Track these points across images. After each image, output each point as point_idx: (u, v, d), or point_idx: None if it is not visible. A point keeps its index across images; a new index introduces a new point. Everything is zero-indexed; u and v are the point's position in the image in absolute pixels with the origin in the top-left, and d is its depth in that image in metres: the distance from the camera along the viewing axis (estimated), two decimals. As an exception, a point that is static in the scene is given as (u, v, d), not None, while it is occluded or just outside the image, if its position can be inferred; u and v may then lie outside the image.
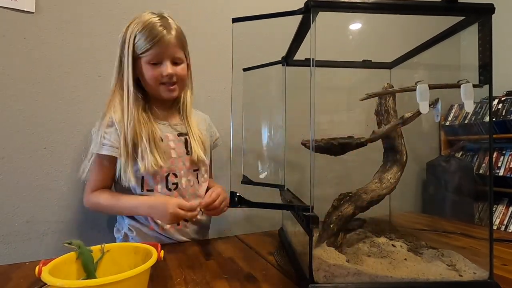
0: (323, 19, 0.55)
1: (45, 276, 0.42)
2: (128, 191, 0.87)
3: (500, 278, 0.62)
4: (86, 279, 0.51)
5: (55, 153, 1.04)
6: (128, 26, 0.85)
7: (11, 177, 0.98)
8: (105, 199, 0.86)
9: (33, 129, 1.01)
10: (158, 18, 0.85)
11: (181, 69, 0.88)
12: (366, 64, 0.92)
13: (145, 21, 0.83)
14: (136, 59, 0.85)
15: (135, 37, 0.82)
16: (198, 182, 0.95)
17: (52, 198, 1.03)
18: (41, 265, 0.45)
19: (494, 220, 1.78)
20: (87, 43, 1.08)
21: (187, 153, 0.92)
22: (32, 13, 1.01)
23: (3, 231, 0.97)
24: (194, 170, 0.94)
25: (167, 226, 0.88)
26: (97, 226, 1.09)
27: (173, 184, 0.89)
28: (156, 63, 0.85)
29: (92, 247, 0.54)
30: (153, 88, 0.87)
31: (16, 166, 0.99)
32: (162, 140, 0.88)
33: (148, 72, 0.85)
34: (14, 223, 0.99)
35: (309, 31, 0.57)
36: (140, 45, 0.83)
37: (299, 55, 0.82)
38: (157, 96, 0.90)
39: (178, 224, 0.90)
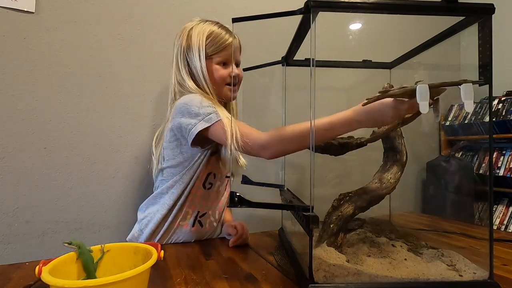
0: (323, 19, 0.55)
1: (45, 276, 0.42)
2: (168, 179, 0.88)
3: (500, 278, 0.62)
4: (86, 279, 0.51)
5: (55, 153, 1.04)
6: (189, 35, 0.88)
7: (11, 177, 0.98)
8: (294, 126, 0.69)
9: (33, 129, 1.01)
10: (219, 25, 0.91)
11: (240, 71, 0.95)
12: (366, 64, 0.92)
13: (211, 26, 0.89)
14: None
15: (205, 39, 0.87)
16: (225, 189, 0.97)
17: (52, 198, 1.03)
18: (41, 265, 0.45)
19: (494, 220, 1.78)
20: (87, 43, 1.08)
21: None
22: (32, 13, 1.01)
23: (3, 231, 0.97)
24: (226, 177, 0.96)
25: (184, 223, 0.89)
26: (97, 226, 1.09)
27: (209, 184, 0.91)
28: (225, 63, 0.90)
29: (92, 247, 0.54)
30: (219, 89, 0.91)
31: (16, 166, 0.99)
32: None
33: (217, 72, 0.89)
34: (14, 223, 0.99)
35: (309, 31, 0.57)
36: (212, 47, 0.88)
37: (299, 55, 0.82)
38: (219, 97, 0.91)
39: (193, 225, 0.90)
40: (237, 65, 0.95)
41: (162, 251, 0.53)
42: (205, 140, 0.82)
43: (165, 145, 0.90)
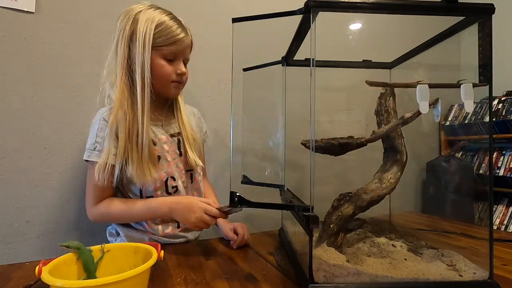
0: (323, 19, 0.55)
1: (45, 276, 0.42)
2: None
3: (500, 278, 0.62)
4: (87, 279, 0.51)
5: (55, 153, 1.04)
6: (136, 19, 0.79)
7: (11, 177, 0.98)
8: (116, 207, 0.81)
9: (33, 129, 1.01)
10: (171, 16, 0.83)
11: (187, 70, 0.88)
12: (366, 64, 0.92)
13: (162, 16, 0.81)
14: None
15: (154, 29, 0.78)
16: (192, 182, 0.94)
17: (52, 198, 1.03)
18: (41, 265, 0.45)
19: (494, 220, 1.78)
20: (87, 43, 1.08)
21: (180, 154, 0.90)
22: (32, 13, 1.01)
23: (3, 231, 0.97)
24: (187, 171, 0.92)
25: (168, 230, 0.87)
26: (96, 226, 1.09)
27: (173, 187, 0.88)
28: (172, 59, 0.83)
29: (92, 247, 0.54)
30: (162, 85, 0.83)
31: (16, 166, 0.99)
32: (155, 144, 0.85)
33: (162, 68, 0.81)
34: (14, 223, 0.98)
35: (309, 31, 0.57)
36: (161, 38, 0.79)
37: (299, 55, 0.82)
38: (162, 93, 0.86)
39: (178, 227, 0.89)
40: (185, 63, 0.87)
41: (162, 251, 0.53)
42: None
43: None
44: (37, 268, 0.44)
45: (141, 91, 0.79)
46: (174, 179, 0.88)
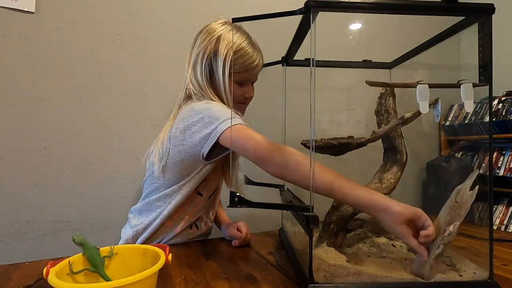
0: (323, 19, 0.55)
1: (52, 279, 0.42)
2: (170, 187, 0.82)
3: (500, 278, 0.62)
4: (95, 272, 0.50)
5: (55, 153, 1.04)
6: (218, 41, 0.81)
7: (11, 177, 0.98)
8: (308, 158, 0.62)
9: (33, 129, 1.01)
10: (249, 40, 0.84)
11: (253, 88, 0.91)
12: (366, 64, 0.92)
13: (241, 41, 0.82)
14: None
15: (233, 53, 0.80)
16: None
17: (52, 198, 1.03)
18: (49, 266, 0.45)
19: (494, 220, 1.78)
20: (87, 43, 1.08)
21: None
22: (32, 13, 1.01)
23: (3, 231, 0.97)
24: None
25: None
26: (97, 226, 1.09)
27: (214, 191, 0.91)
28: (242, 83, 0.86)
29: (101, 249, 0.54)
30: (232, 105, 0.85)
31: (16, 166, 0.99)
32: None
33: (233, 90, 0.84)
34: (14, 223, 0.99)
35: (309, 31, 0.57)
36: (237, 66, 0.82)
37: (299, 55, 0.82)
38: None
39: (191, 228, 0.89)
40: (252, 83, 0.90)
41: (170, 254, 0.53)
42: (212, 152, 0.75)
43: (169, 147, 0.80)
44: (44, 269, 0.44)
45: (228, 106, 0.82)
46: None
